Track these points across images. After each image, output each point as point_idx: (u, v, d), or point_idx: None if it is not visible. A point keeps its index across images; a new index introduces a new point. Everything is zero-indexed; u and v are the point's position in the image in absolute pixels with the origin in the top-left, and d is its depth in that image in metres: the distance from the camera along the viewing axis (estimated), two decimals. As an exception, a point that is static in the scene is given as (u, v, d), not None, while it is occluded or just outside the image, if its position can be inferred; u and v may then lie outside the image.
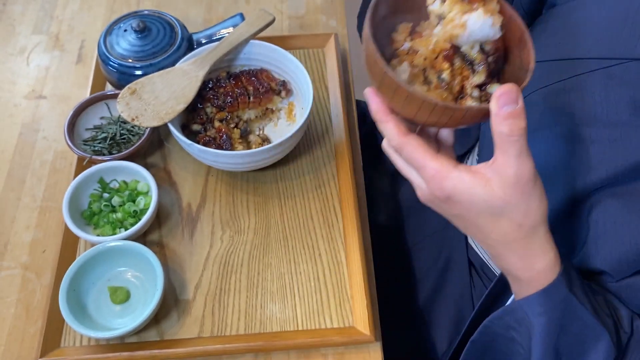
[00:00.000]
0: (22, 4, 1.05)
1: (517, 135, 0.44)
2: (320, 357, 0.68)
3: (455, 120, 0.47)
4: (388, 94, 0.48)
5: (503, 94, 0.44)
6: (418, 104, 0.46)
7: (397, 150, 0.49)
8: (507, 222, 0.48)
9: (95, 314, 0.69)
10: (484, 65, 0.50)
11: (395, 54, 0.52)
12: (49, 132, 0.88)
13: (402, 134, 0.49)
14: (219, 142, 0.77)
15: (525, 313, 0.52)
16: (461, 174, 0.47)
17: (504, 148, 0.45)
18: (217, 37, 0.89)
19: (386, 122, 0.49)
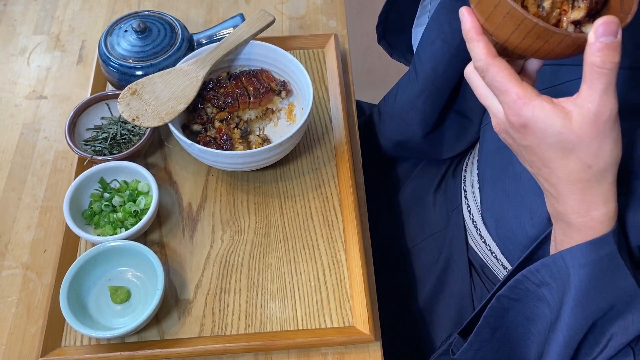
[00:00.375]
0: (23, 4, 1.05)
1: (608, 68, 0.43)
2: (320, 356, 0.68)
3: (550, 46, 0.46)
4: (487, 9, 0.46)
5: (603, 24, 0.43)
6: (517, 23, 0.45)
7: (482, 71, 0.48)
8: (576, 160, 0.47)
9: (96, 313, 0.69)
10: (586, 1, 0.48)
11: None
12: (50, 132, 0.88)
13: (491, 55, 0.47)
14: (219, 142, 0.77)
15: (566, 264, 0.51)
16: (542, 102, 0.46)
17: (592, 80, 0.44)
18: (217, 37, 0.89)
19: (477, 42, 0.48)
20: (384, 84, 1.30)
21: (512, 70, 0.47)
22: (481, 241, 0.77)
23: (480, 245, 0.78)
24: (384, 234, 0.89)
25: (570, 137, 0.46)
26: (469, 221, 0.80)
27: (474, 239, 0.79)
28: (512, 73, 0.47)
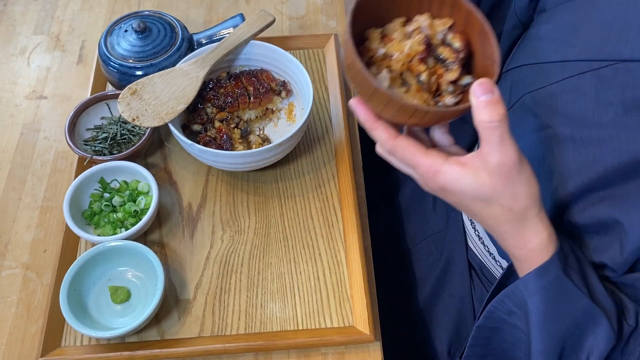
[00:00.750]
0: (23, 5, 1.05)
1: (497, 121, 0.47)
2: (320, 356, 0.68)
3: (435, 119, 0.50)
4: (373, 101, 0.50)
5: (479, 86, 0.47)
6: (398, 108, 0.49)
7: (390, 153, 0.52)
8: (498, 207, 0.50)
9: (96, 313, 0.69)
10: (456, 62, 0.53)
11: (372, 61, 0.54)
12: (50, 132, 0.88)
13: (392, 137, 0.51)
14: (219, 142, 0.77)
15: (522, 293, 0.54)
16: (451, 167, 0.50)
17: (487, 136, 0.47)
18: (217, 37, 0.89)
19: (375, 129, 0.52)
20: (384, 84, 1.30)
21: (416, 144, 0.51)
22: (480, 242, 0.77)
23: (479, 247, 0.78)
24: (384, 234, 0.89)
25: (485, 189, 0.49)
26: (468, 223, 0.80)
27: (473, 240, 0.79)
28: (416, 148, 0.51)
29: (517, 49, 0.69)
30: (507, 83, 0.68)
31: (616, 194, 0.54)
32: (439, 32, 0.55)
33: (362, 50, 0.54)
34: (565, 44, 0.59)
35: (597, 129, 0.54)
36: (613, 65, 0.54)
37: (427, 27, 0.55)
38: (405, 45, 0.53)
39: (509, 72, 0.68)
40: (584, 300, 0.52)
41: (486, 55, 0.54)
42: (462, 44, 0.54)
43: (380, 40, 0.54)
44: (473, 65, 0.56)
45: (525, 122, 0.62)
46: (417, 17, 0.55)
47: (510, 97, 0.67)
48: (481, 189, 0.49)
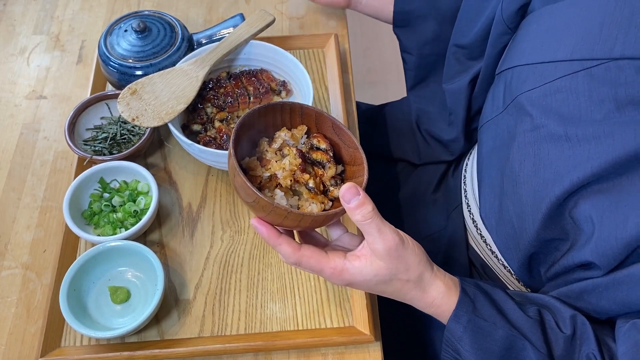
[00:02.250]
0: (23, 4, 1.05)
1: (369, 218, 0.54)
2: (320, 356, 0.68)
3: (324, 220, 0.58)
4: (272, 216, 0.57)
5: (346, 192, 0.54)
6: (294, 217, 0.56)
7: (297, 264, 0.57)
8: (398, 282, 0.58)
9: (96, 313, 0.69)
10: (330, 161, 0.63)
11: (262, 186, 0.61)
12: (50, 132, 0.88)
13: (295, 250, 0.57)
14: (219, 142, 0.77)
15: (453, 341, 0.59)
16: (351, 263, 0.57)
17: (366, 230, 0.55)
18: (217, 37, 0.89)
19: (280, 244, 0.57)
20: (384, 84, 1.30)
21: (318, 251, 0.57)
22: (481, 240, 0.77)
23: (481, 245, 0.78)
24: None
25: (383, 272, 0.56)
26: (469, 221, 0.80)
27: (475, 238, 0.79)
28: (318, 255, 0.57)
29: (509, 49, 0.70)
30: (500, 84, 0.69)
31: (610, 189, 0.54)
32: (300, 139, 0.64)
33: (250, 179, 0.60)
34: (556, 44, 0.60)
35: (591, 126, 0.55)
36: (605, 63, 0.55)
37: (290, 139, 0.63)
38: (284, 164, 0.61)
39: (502, 73, 0.69)
40: (501, 332, 0.57)
41: (347, 144, 0.64)
42: (326, 144, 0.64)
43: (260, 165, 0.62)
44: (340, 155, 0.65)
45: (520, 122, 0.62)
46: (278, 133, 0.63)
47: (505, 98, 0.67)
48: (380, 273, 0.56)
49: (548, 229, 0.61)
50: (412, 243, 0.58)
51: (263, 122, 0.63)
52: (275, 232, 0.57)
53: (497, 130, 0.69)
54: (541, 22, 0.63)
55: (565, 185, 0.57)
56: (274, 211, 0.55)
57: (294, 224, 0.57)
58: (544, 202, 0.59)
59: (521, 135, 0.62)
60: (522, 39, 0.66)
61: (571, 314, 0.58)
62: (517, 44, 0.67)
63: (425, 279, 0.58)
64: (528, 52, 0.63)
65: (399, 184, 0.96)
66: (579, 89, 0.56)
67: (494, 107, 0.71)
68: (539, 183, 0.60)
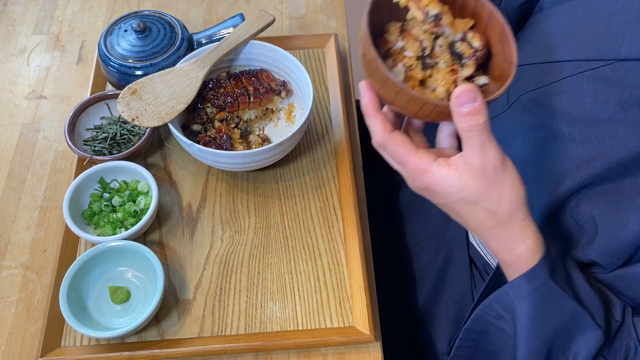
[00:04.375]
0: (23, 4, 1.05)
1: (477, 130, 0.47)
2: (320, 356, 0.68)
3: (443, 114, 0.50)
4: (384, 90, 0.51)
5: (460, 94, 0.47)
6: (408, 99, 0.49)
7: (382, 146, 0.52)
8: (482, 211, 0.51)
9: (96, 313, 0.69)
10: (472, 59, 0.54)
11: (389, 53, 0.54)
12: (50, 132, 0.88)
13: (386, 131, 0.51)
14: (219, 142, 0.77)
15: (511, 299, 0.54)
16: (439, 168, 0.50)
17: (468, 141, 0.48)
18: (217, 37, 0.89)
19: (374, 118, 0.52)
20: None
21: (408, 141, 0.51)
22: (482, 240, 0.77)
23: (481, 244, 0.78)
24: (384, 234, 0.89)
25: (470, 191, 0.50)
26: (470, 220, 0.80)
27: (476, 238, 0.79)
28: (407, 145, 0.51)
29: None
30: None
31: (612, 190, 0.54)
32: (460, 32, 0.55)
33: (380, 42, 0.54)
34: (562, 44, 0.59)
35: (596, 127, 0.55)
36: (611, 64, 0.54)
37: (448, 26, 0.54)
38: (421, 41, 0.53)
39: None
40: (571, 304, 0.52)
41: (505, 57, 0.54)
42: (481, 44, 0.54)
43: (400, 34, 0.54)
44: (491, 67, 0.56)
45: (524, 121, 0.62)
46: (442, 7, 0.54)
47: (509, 96, 0.67)
48: (466, 191, 0.50)
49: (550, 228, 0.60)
50: (515, 176, 0.50)
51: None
52: (377, 104, 0.51)
53: (500, 128, 0.69)
54: (547, 22, 0.63)
55: (567, 185, 0.57)
56: (388, 85, 0.49)
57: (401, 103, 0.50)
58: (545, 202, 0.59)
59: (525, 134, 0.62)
60: (527, 38, 0.66)
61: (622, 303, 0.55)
62: (522, 43, 0.67)
63: (515, 222, 0.51)
64: (534, 51, 0.63)
65: (399, 186, 0.96)
66: (584, 89, 0.56)
67: (497, 105, 0.71)
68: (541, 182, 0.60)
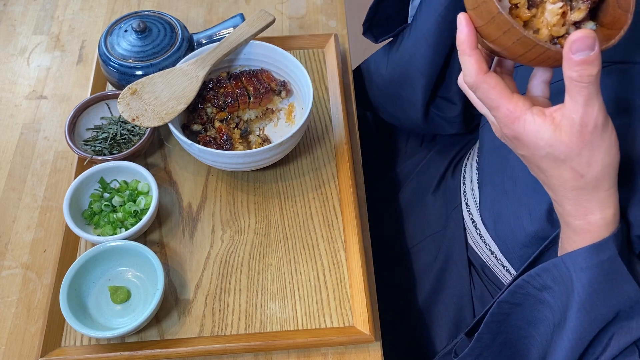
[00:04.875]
0: (23, 5, 1.05)
1: (586, 82, 0.43)
2: (320, 356, 0.68)
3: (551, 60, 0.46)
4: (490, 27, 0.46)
5: (577, 40, 0.43)
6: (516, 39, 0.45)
7: (474, 87, 0.48)
8: (569, 170, 0.47)
9: (96, 313, 0.69)
10: (586, 3, 0.49)
11: None
12: (50, 132, 0.88)
13: (481, 71, 0.47)
14: (219, 142, 0.77)
15: (568, 269, 0.51)
16: (533, 117, 0.47)
17: (572, 93, 0.44)
18: (217, 37, 0.89)
19: (469, 56, 0.47)
20: (384, 84, 1.30)
21: (503, 85, 0.47)
22: (481, 241, 0.77)
23: (480, 245, 0.78)
24: (384, 234, 0.89)
25: (561, 148, 0.46)
26: (469, 221, 0.80)
27: (474, 238, 0.79)
28: (502, 89, 0.47)
29: None
30: None
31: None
32: None
33: None
34: None
35: None
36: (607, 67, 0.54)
37: None
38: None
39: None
40: (631, 285, 0.49)
41: (620, 4, 0.48)
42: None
43: None
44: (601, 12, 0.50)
45: None
46: None
47: None
48: (558, 146, 0.46)
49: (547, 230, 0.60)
50: (614, 139, 0.47)
51: None
52: (474, 40, 0.47)
53: None
54: None
55: None
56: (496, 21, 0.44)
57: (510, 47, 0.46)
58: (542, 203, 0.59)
59: None
60: None
61: None
62: None
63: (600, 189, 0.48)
64: None
65: (399, 186, 0.96)
66: None
67: None
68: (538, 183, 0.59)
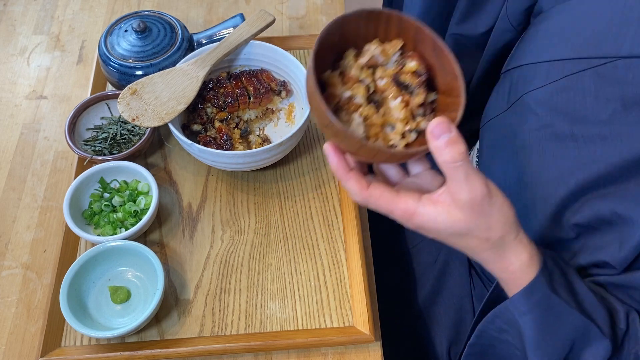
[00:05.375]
0: (23, 5, 1.05)
1: (460, 160, 0.46)
2: (320, 356, 0.68)
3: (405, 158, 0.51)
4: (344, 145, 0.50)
5: (435, 128, 0.46)
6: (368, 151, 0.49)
7: (363, 204, 0.52)
8: (474, 239, 0.51)
9: (96, 313, 0.69)
10: (421, 88, 0.53)
11: (339, 106, 0.53)
12: (50, 132, 0.88)
13: (363, 188, 0.51)
14: (219, 142, 0.77)
15: (512, 314, 0.54)
16: (425, 208, 0.50)
17: (452, 175, 0.48)
18: (217, 37, 0.89)
19: (348, 180, 0.51)
20: (384, 84, 1.30)
21: (388, 191, 0.51)
22: (480, 241, 0.77)
23: None
24: (384, 234, 0.89)
25: (460, 225, 0.49)
26: (469, 221, 0.80)
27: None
28: (388, 196, 0.51)
29: (516, 48, 0.69)
30: (506, 83, 0.68)
31: (617, 190, 0.53)
32: (392, 56, 0.54)
33: (327, 96, 0.53)
34: (564, 43, 0.59)
35: (597, 127, 0.54)
36: (612, 62, 0.54)
37: (380, 54, 0.54)
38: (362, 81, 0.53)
39: (508, 72, 0.68)
40: (574, 315, 0.52)
41: (445, 70, 0.53)
42: (421, 66, 0.53)
43: (341, 81, 0.53)
44: (435, 81, 0.55)
45: (525, 121, 0.62)
46: (367, 46, 0.54)
47: (509, 96, 0.67)
48: (456, 225, 0.50)
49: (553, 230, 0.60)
50: (502, 199, 0.50)
51: (353, 31, 0.53)
52: (345, 164, 0.51)
53: (500, 128, 0.69)
54: (549, 21, 0.63)
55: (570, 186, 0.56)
56: (347, 140, 0.49)
57: (369, 157, 0.51)
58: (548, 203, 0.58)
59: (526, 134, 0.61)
60: (530, 38, 0.66)
61: (626, 309, 0.55)
62: (524, 43, 0.67)
63: (507, 243, 0.52)
64: (535, 51, 0.63)
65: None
66: (585, 87, 0.56)
67: (497, 105, 0.70)
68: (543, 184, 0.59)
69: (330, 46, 0.52)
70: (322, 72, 0.53)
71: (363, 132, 0.52)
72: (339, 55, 0.54)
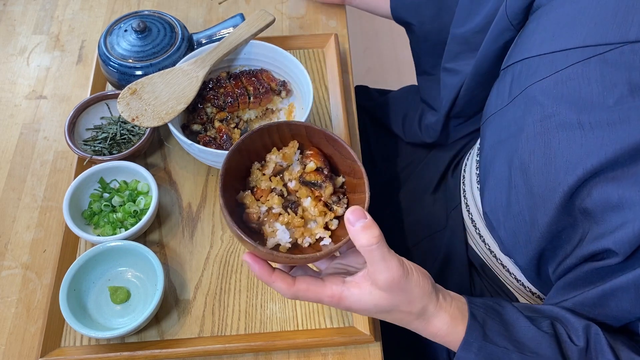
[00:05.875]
0: (23, 4, 1.05)
1: (375, 242, 0.51)
2: (320, 357, 0.68)
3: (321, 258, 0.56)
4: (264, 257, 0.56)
5: (352, 214, 0.51)
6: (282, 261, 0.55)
7: (294, 298, 0.56)
8: (399, 313, 0.56)
9: (96, 313, 0.69)
10: (327, 182, 0.59)
11: (262, 221, 0.58)
12: (50, 132, 0.88)
13: (290, 285, 0.55)
14: (219, 142, 0.77)
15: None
16: (349, 291, 0.54)
17: (369, 257, 0.52)
18: (217, 37, 0.89)
19: (273, 282, 0.55)
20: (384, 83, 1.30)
21: (313, 282, 0.55)
22: (480, 240, 0.77)
23: (480, 245, 0.78)
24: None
25: (383, 303, 0.54)
26: (468, 221, 0.80)
27: (474, 238, 0.79)
28: (313, 287, 0.55)
29: (516, 44, 0.69)
30: (507, 78, 0.68)
31: (625, 174, 0.53)
32: (293, 156, 0.60)
33: (248, 215, 0.58)
34: (568, 33, 0.59)
35: (604, 113, 0.54)
36: (619, 47, 0.54)
37: (282, 160, 0.60)
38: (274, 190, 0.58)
39: (509, 67, 0.68)
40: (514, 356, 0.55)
41: (344, 155, 0.60)
42: (320, 161, 0.59)
43: (254, 198, 0.58)
44: (337, 166, 0.61)
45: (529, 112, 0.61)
46: (268, 156, 0.60)
47: (511, 91, 0.66)
48: (380, 303, 0.54)
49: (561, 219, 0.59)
50: (417, 274, 0.55)
51: (254, 148, 0.60)
52: (268, 269, 0.56)
53: (502, 122, 0.68)
54: (552, 14, 0.63)
55: (578, 174, 0.55)
56: (263, 254, 0.55)
57: (286, 263, 0.57)
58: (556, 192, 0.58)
59: (530, 125, 0.61)
60: (531, 32, 0.65)
61: (584, 325, 0.56)
62: (525, 37, 0.67)
63: (429, 311, 0.56)
64: (538, 43, 0.63)
65: (399, 184, 0.96)
66: (591, 75, 0.56)
67: (498, 101, 0.70)
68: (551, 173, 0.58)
69: (235, 170, 0.58)
70: (237, 194, 0.59)
71: (289, 238, 0.57)
72: (247, 172, 0.60)
